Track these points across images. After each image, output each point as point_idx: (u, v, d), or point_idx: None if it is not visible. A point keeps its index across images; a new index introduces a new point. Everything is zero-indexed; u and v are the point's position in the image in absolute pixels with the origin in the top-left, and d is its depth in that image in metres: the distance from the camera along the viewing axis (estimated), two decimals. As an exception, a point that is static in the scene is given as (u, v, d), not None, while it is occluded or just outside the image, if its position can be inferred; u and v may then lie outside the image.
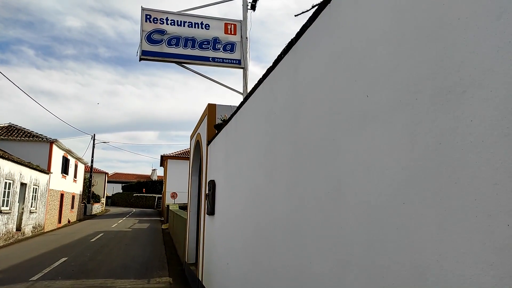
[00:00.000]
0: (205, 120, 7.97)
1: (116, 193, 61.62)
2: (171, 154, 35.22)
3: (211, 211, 6.35)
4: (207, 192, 6.88)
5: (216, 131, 7.02)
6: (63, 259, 11.10)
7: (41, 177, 20.27)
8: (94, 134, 38.58)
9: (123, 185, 64.85)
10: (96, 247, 13.76)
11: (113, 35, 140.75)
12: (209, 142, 7.48)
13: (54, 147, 22.58)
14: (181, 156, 34.94)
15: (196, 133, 9.61)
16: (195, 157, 10.24)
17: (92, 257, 11.69)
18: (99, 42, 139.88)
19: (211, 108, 7.78)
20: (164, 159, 36.27)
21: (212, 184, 6.45)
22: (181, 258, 11.60)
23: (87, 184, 37.27)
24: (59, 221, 24.85)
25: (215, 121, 7.62)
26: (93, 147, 38.25)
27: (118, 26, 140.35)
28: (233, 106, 7.62)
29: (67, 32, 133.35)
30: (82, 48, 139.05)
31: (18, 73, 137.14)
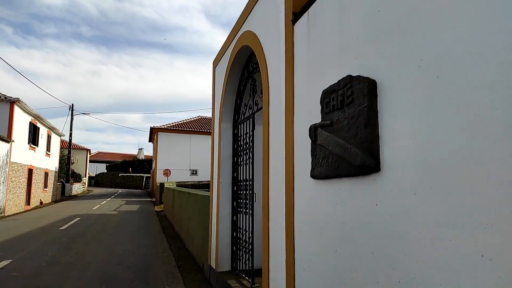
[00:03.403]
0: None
1: (100, 173, 57.00)
2: (163, 126, 30.61)
3: (361, 163, 2.08)
4: (327, 117, 2.59)
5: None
6: (4, 263, 6.74)
7: (-2, 146, 15.60)
8: (72, 104, 33.59)
9: (107, 164, 60.23)
10: (66, 239, 9.41)
11: (95, 14, 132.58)
12: (303, 11, 3.16)
13: (17, 109, 17.79)
14: (174, 128, 30.41)
15: (237, 34, 5.23)
16: (229, 88, 5.90)
17: (53, 258, 7.35)
18: (81, 20, 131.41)
19: None
20: (154, 132, 31.66)
21: (364, 90, 2.17)
22: (197, 258, 7.42)
23: (66, 161, 32.52)
24: (28, 203, 20.28)
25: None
26: (71, 119, 33.25)
27: (100, 4, 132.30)
28: None
29: (46, 10, 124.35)
30: (63, 27, 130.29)
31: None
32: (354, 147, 2.16)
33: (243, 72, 5.66)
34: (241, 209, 5.51)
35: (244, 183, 5.38)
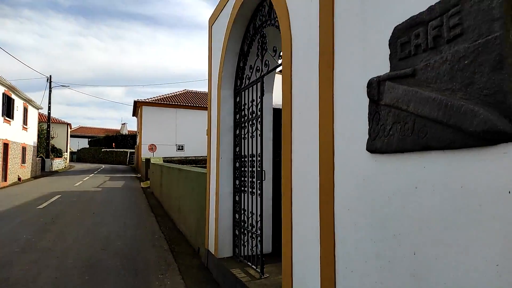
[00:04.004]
0: None
1: (82, 148, 55.44)
2: (147, 100, 29.31)
3: (487, 128, 1.34)
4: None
5: None
6: (-30, 249, 5.91)
7: (-33, 118, 14.30)
8: (50, 76, 31.80)
9: (89, 139, 58.63)
10: (44, 220, 8.58)
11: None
12: None
13: (-13, 78, 16.34)
14: (159, 102, 29.17)
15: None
16: (230, 48, 5.03)
17: (29, 243, 6.55)
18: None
19: None
20: (138, 106, 30.37)
21: (492, 12, 1.40)
22: (191, 240, 6.73)
23: (45, 135, 31.03)
24: (4, 179, 19.13)
25: None
26: (50, 91, 31.50)
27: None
28: None
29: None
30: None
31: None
32: (467, 104, 1.41)
33: (248, 28, 4.79)
34: (246, 189, 4.78)
35: (250, 158, 4.63)
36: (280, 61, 3.77)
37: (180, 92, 32.95)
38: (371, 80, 1.98)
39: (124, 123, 60.24)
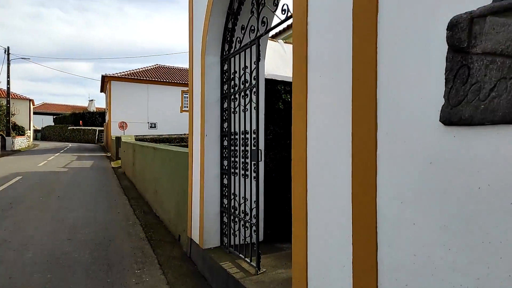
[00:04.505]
0: None
1: (47, 126, 52.63)
2: (116, 74, 27.65)
3: None
4: None
5: None
6: None
7: None
8: (8, 47, 29.42)
9: (55, 117, 55.77)
10: (0, 206, 7.62)
11: None
12: None
13: None
14: (129, 77, 27.59)
15: None
16: (217, 6, 4.26)
17: (-18, 232, 5.68)
18: None
19: None
20: (106, 81, 28.60)
21: None
22: (171, 227, 6.09)
23: (5, 112, 28.87)
24: (-42, 159, 17.52)
25: None
26: (8, 64, 29.11)
27: None
28: None
29: None
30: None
31: None
32: None
33: (239, -20, 4.03)
34: (237, 171, 4.15)
35: (243, 136, 3.98)
36: (283, 17, 3.09)
37: (152, 67, 31.35)
38: (456, 18, 1.36)
39: (92, 100, 57.59)
